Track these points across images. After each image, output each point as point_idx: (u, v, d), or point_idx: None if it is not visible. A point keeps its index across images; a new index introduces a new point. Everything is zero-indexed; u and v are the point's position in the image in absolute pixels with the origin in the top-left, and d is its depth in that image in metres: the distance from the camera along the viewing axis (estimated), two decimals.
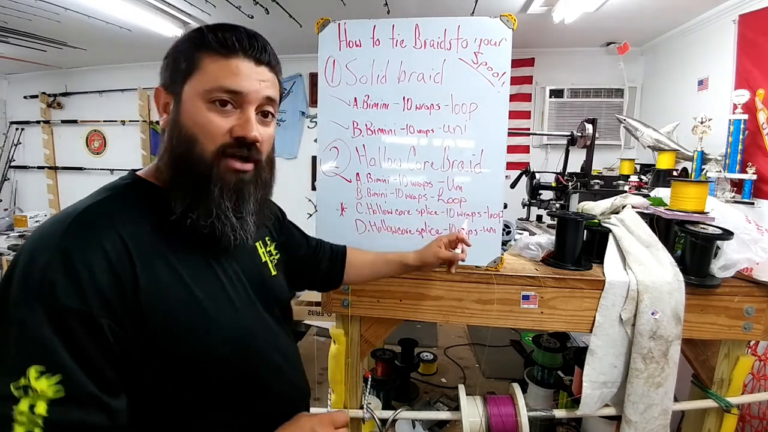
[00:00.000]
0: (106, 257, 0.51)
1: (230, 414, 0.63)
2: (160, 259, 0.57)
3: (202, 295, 0.60)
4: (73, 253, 0.50)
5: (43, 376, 0.46)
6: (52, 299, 0.48)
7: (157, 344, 0.55)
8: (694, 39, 2.66)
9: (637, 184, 1.92)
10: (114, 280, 0.51)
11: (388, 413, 1.20)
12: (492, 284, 1.14)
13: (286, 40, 3.14)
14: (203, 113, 0.58)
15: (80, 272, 0.49)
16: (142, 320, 0.53)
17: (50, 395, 0.46)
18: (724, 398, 1.17)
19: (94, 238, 0.52)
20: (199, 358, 0.59)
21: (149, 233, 0.57)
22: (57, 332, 0.47)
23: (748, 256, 1.07)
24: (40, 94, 4.29)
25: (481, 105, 1.10)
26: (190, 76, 0.59)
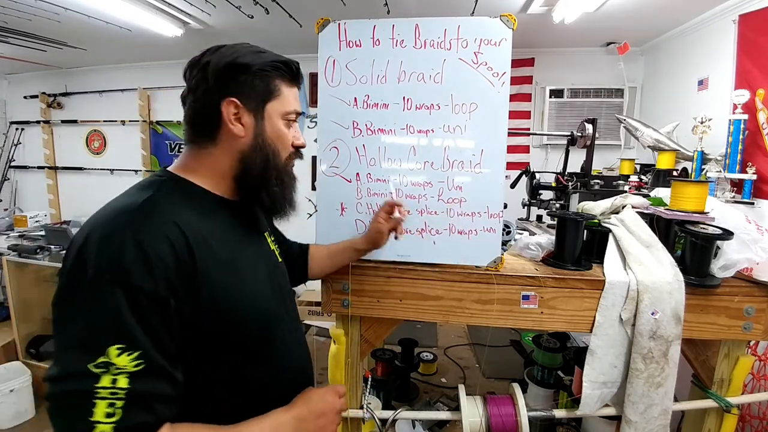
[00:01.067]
0: (171, 245, 0.59)
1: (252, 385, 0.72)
2: (208, 246, 0.66)
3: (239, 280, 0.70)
4: (144, 241, 0.57)
5: (123, 353, 0.52)
6: (129, 282, 0.54)
7: (204, 321, 0.63)
8: (694, 39, 2.66)
9: (637, 184, 1.92)
10: (177, 266, 0.59)
11: (388, 413, 1.20)
12: (492, 284, 1.14)
13: (286, 40, 3.14)
14: (282, 129, 0.77)
15: (152, 259, 0.56)
16: (197, 300, 0.61)
17: (131, 369, 0.52)
18: (724, 398, 1.17)
19: (160, 228, 0.60)
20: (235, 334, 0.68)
21: (195, 222, 0.66)
22: (134, 312, 0.54)
23: (748, 256, 1.07)
24: (40, 94, 4.29)
25: (481, 105, 1.10)
26: (271, 98, 0.75)
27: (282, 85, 0.76)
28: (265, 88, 0.73)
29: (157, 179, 0.72)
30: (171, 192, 0.69)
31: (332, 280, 1.19)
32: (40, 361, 2.74)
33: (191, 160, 0.75)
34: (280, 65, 0.75)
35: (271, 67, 0.74)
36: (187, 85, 0.74)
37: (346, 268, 1.16)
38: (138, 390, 0.52)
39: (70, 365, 0.52)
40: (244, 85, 0.72)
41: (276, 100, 0.75)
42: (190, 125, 0.74)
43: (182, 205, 0.68)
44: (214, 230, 0.69)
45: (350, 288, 1.18)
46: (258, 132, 0.74)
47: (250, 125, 0.74)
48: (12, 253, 2.66)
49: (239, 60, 0.71)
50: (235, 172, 0.75)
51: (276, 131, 0.76)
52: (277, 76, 0.75)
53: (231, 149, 0.74)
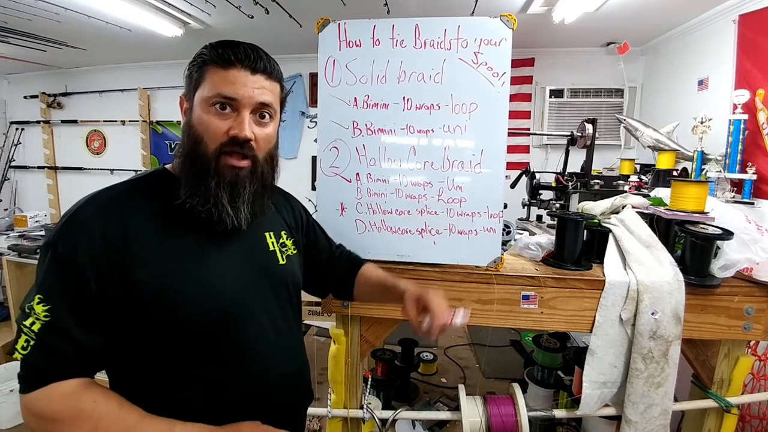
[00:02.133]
0: (104, 226, 0.65)
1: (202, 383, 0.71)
2: (154, 235, 0.69)
3: (187, 269, 0.70)
4: (80, 218, 0.66)
5: (41, 303, 0.62)
6: (57, 248, 0.63)
7: (142, 306, 0.66)
8: (694, 39, 2.66)
9: (637, 184, 1.92)
10: (105, 245, 0.64)
11: (388, 413, 1.20)
12: (492, 284, 1.14)
13: (286, 40, 3.14)
14: (206, 116, 0.70)
15: (79, 233, 0.64)
16: (129, 283, 0.65)
17: (42, 319, 0.62)
18: (724, 398, 1.17)
19: (103, 211, 0.67)
20: (177, 322, 0.69)
21: (152, 213, 0.70)
22: (56, 273, 0.63)
23: (748, 256, 1.07)
24: (40, 94, 4.29)
25: (481, 105, 1.10)
26: (199, 86, 0.71)
27: (210, 69, 0.69)
28: (196, 76, 0.72)
29: (147, 171, 0.78)
30: (144, 185, 0.74)
31: None
32: None
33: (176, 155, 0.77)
34: (203, 50, 0.72)
35: (203, 54, 0.71)
36: None
37: None
38: (43, 338, 0.61)
39: (23, 302, 0.64)
40: (188, 78, 0.74)
41: (201, 87, 0.70)
42: None
43: (148, 199, 0.71)
44: (176, 226, 0.71)
45: None
46: (186, 120, 0.73)
47: (187, 115, 0.74)
48: (12, 253, 2.66)
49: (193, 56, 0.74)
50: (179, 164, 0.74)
51: (199, 118, 0.70)
52: (207, 62, 0.70)
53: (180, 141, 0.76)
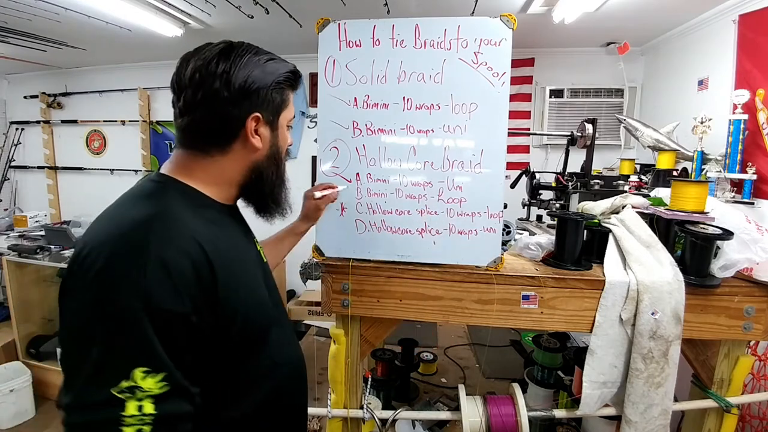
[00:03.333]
0: (191, 261, 0.58)
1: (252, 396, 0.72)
2: (223, 256, 0.65)
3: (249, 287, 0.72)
4: (165, 259, 0.56)
5: (148, 375, 0.51)
6: (153, 304, 0.53)
7: (221, 329, 0.63)
8: (694, 39, 2.66)
9: (637, 184, 1.92)
10: (198, 282, 0.59)
11: (388, 413, 1.20)
12: (492, 284, 1.14)
13: (286, 40, 3.14)
14: (287, 135, 0.81)
15: (174, 277, 0.55)
16: (217, 313, 0.61)
17: (156, 392, 0.51)
18: (724, 398, 1.17)
19: (180, 243, 0.59)
20: (244, 338, 0.68)
21: (207, 232, 0.65)
22: (158, 333, 0.53)
23: (748, 256, 1.07)
24: (40, 94, 4.29)
25: (481, 105, 1.09)
26: (282, 109, 0.76)
27: (290, 94, 0.77)
28: (280, 100, 0.74)
29: (159, 185, 0.68)
30: (179, 201, 0.67)
31: (332, 280, 1.19)
32: (40, 361, 2.74)
33: (190, 165, 0.71)
34: (290, 75, 0.76)
35: (284, 78, 0.74)
36: (195, 91, 0.67)
37: (347, 268, 1.16)
38: (163, 413, 0.52)
39: (91, 392, 0.50)
40: (266, 99, 0.72)
41: (286, 110, 0.77)
42: (198, 133, 0.70)
43: (193, 214, 0.66)
44: (223, 239, 0.69)
45: (350, 288, 1.18)
46: (273, 143, 0.76)
47: (267, 137, 0.75)
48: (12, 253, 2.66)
49: (260, 73, 0.70)
50: (245, 181, 0.76)
51: (284, 140, 0.79)
52: (287, 87, 0.76)
53: (244, 159, 0.74)
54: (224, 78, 0.66)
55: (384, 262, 1.17)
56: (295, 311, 3.43)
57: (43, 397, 2.66)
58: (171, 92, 0.72)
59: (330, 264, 1.18)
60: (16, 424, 2.47)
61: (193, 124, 0.69)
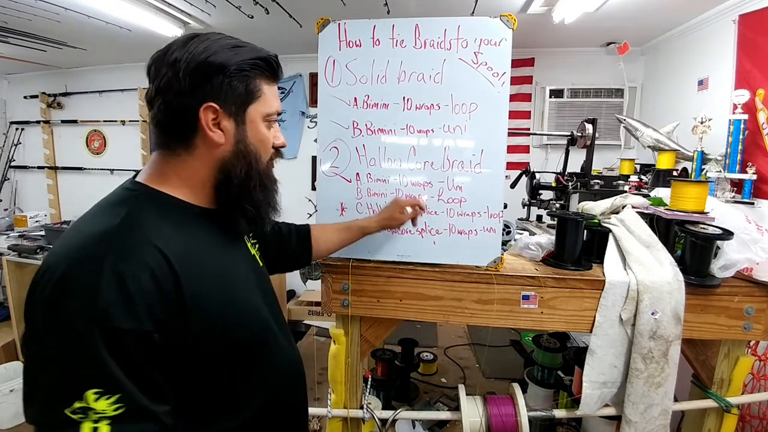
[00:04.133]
0: (152, 275, 0.55)
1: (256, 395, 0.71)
2: (194, 266, 0.61)
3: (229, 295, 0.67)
4: (124, 275, 0.52)
5: (102, 397, 0.49)
6: (108, 323, 0.50)
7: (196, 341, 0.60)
8: (694, 39, 2.66)
9: (637, 184, 1.92)
10: (161, 296, 0.55)
11: (388, 413, 1.20)
12: (492, 284, 1.14)
13: (286, 40, 3.14)
14: (264, 132, 0.72)
15: (133, 295, 0.52)
16: (188, 326, 0.58)
17: (110, 414, 0.49)
18: (724, 398, 1.17)
19: (140, 256, 0.55)
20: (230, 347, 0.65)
21: (177, 242, 0.61)
22: (112, 354, 0.50)
23: (748, 256, 1.07)
24: (40, 94, 4.29)
25: (481, 105, 1.10)
26: (252, 101, 0.68)
27: (263, 84, 0.69)
28: (245, 89, 0.67)
29: (129, 194, 0.65)
30: (146, 208, 0.63)
31: (332, 280, 1.19)
32: None
33: (163, 168, 0.68)
34: (259, 62, 0.68)
35: (250, 65, 0.67)
36: (153, 84, 0.64)
37: (347, 268, 1.16)
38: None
39: (48, 411, 0.49)
40: (223, 88, 0.65)
41: (257, 102, 0.69)
42: (161, 130, 0.66)
43: (160, 222, 0.62)
44: (197, 245, 0.65)
45: (350, 288, 1.18)
46: (239, 138, 0.68)
47: (231, 131, 0.67)
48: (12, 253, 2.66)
49: (214, 59, 0.63)
50: (215, 182, 0.70)
51: (258, 135, 0.70)
52: (258, 75, 0.68)
53: (209, 157, 0.68)
54: (176, 66, 0.62)
55: (384, 262, 1.17)
56: (295, 311, 3.43)
57: None
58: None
59: (330, 264, 1.18)
60: (16, 424, 2.47)
61: (153, 120, 0.66)
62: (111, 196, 0.66)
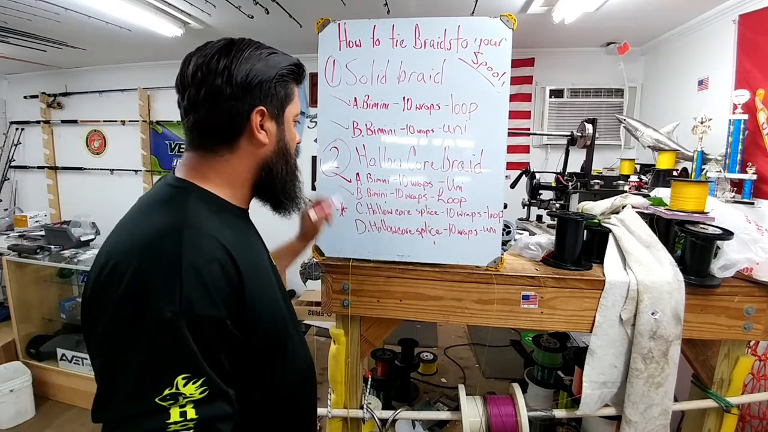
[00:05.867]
0: (221, 266, 0.59)
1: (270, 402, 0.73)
2: (247, 261, 0.65)
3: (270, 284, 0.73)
4: (199, 266, 0.56)
5: (189, 381, 0.52)
6: (192, 312, 0.53)
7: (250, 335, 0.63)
8: (694, 39, 2.66)
9: (637, 184, 1.92)
10: (229, 286, 0.60)
11: (388, 413, 1.20)
12: (492, 284, 1.14)
13: (286, 40, 3.14)
14: (294, 131, 0.79)
15: (209, 284, 0.56)
16: (244, 314, 0.62)
17: (197, 397, 0.52)
18: (724, 398, 1.17)
19: (209, 249, 0.59)
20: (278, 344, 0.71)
21: (227, 233, 0.65)
22: (196, 339, 0.53)
23: (748, 256, 1.07)
24: (40, 94, 4.29)
25: (481, 105, 1.09)
26: (288, 104, 0.75)
27: (294, 88, 0.77)
28: (284, 93, 0.74)
29: (179, 191, 0.68)
30: (201, 206, 0.66)
31: (332, 280, 1.19)
32: (40, 361, 2.74)
33: (203, 168, 0.71)
34: (293, 68, 0.75)
35: (288, 71, 0.73)
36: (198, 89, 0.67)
37: (347, 268, 1.16)
38: (205, 416, 0.53)
39: (134, 403, 0.51)
40: (270, 93, 0.71)
41: (291, 104, 0.76)
42: (205, 131, 0.69)
43: (215, 219, 0.66)
44: (243, 243, 0.69)
45: (350, 288, 1.18)
46: (280, 137, 0.75)
47: (273, 132, 0.73)
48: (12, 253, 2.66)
49: (263, 66, 0.69)
50: (256, 180, 0.75)
51: (292, 134, 0.78)
52: (291, 80, 0.75)
53: (252, 156, 0.72)
54: (226, 74, 0.66)
55: (384, 262, 1.17)
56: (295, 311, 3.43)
57: (43, 397, 2.66)
58: (176, 92, 0.72)
59: (330, 264, 1.18)
60: (16, 424, 2.47)
61: (198, 123, 0.69)
62: (157, 193, 0.69)
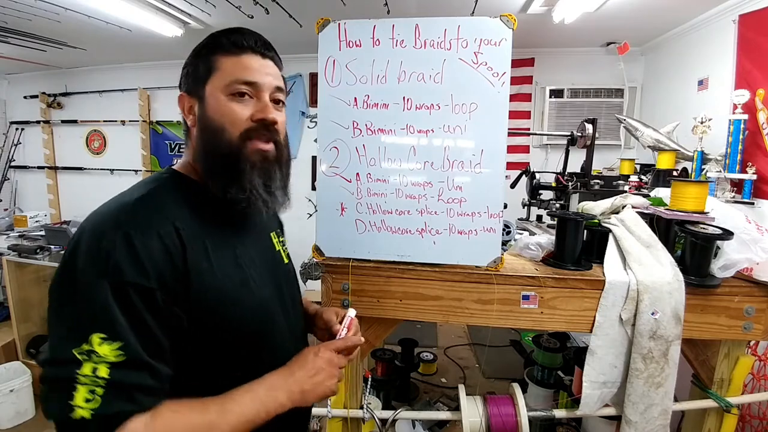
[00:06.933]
0: (161, 241, 0.60)
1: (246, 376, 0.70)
2: (201, 243, 0.66)
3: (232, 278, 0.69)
4: (133, 236, 0.58)
5: (105, 342, 0.54)
6: (117, 275, 0.56)
7: (196, 319, 0.63)
8: (694, 39, 2.66)
9: (637, 184, 1.92)
10: (168, 261, 0.60)
11: (388, 413, 1.20)
12: (492, 284, 1.14)
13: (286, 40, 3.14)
14: (226, 104, 0.69)
15: (140, 253, 0.57)
16: (188, 296, 0.62)
17: (112, 359, 0.54)
18: (724, 398, 1.17)
19: (151, 225, 0.61)
20: (229, 334, 0.68)
21: (190, 219, 0.66)
22: (119, 303, 0.55)
23: (748, 256, 1.07)
24: (40, 94, 4.29)
25: (481, 105, 1.09)
26: (209, 77, 0.70)
27: (221, 58, 0.70)
28: (204, 68, 0.70)
29: (160, 176, 0.72)
30: (170, 189, 0.69)
31: (332, 280, 1.19)
32: None
33: (186, 157, 0.76)
34: (215, 40, 0.71)
35: (207, 45, 0.71)
36: None
37: (347, 268, 1.16)
38: (117, 380, 0.54)
39: (58, 350, 0.54)
40: (189, 75, 0.72)
41: (214, 76, 0.69)
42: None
43: (180, 203, 0.68)
44: (210, 229, 0.69)
45: (350, 288, 1.18)
46: (202, 113, 0.70)
47: (197, 110, 0.71)
48: (12, 253, 2.66)
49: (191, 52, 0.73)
50: (200, 161, 0.72)
51: (217, 108, 0.69)
52: (214, 51, 0.70)
53: (195, 139, 0.73)
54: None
55: (384, 262, 1.17)
56: None
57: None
58: None
59: (330, 264, 1.18)
60: (16, 424, 2.47)
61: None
62: (147, 178, 0.74)
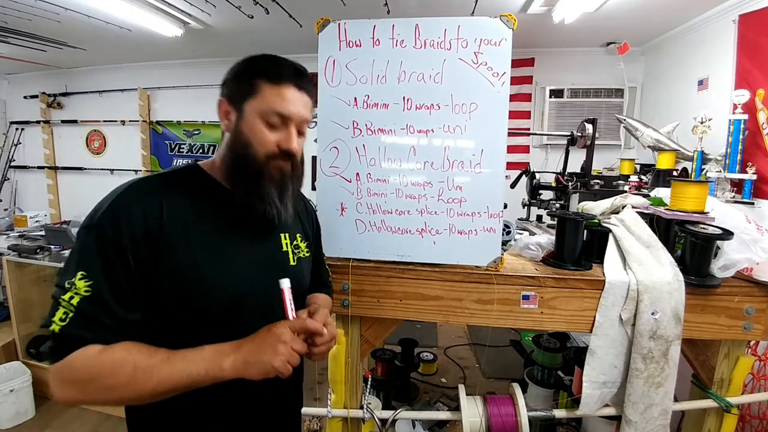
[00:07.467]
0: (143, 214, 0.72)
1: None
2: (183, 225, 0.75)
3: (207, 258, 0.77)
4: (119, 205, 0.72)
5: (83, 279, 0.68)
6: (101, 230, 0.70)
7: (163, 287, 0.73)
8: (694, 39, 2.66)
9: (637, 184, 1.92)
10: (144, 230, 0.71)
11: (388, 413, 1.20)
12: (492, 284, 1.14)
13: (286, 40, 3.14)
14: (259, 127, 0.79)
15: (121, 218, 0.71)
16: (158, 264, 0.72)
17: (82, 293, 0.67)
18: (724, 398, 1.17)
19: (140, 200, 0.74)
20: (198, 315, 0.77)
21: (185, 206, 0.77)
22: (99, 251, 0.69)
23: (748, 256, 1.07)
24: (40, 94, 4.29)
25: (481, 105, 1.09)
26: (249, 96, 0.79)
27: (263, 84, 0.79)
28: (246, 88, 0.79)
29: (179, 167, 0.85)
30: (178, 178, 0.82)
31: (332, 280, 1.19)
32: (40, 361, 2.74)
33: (219, 156, 0.85)
34: (262, 65, 0.80)
35: (252, 68, 0.81)
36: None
37: (347, 268, 1.16)
38: (83, 310, 0.67)
39: (60, 279, 0.70)
40: (232, 86, 0.82)
41: (254, 99, 0.79)
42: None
43: (182, 190, 0.79)
44: (203, 218, 0.79)
45: (350, 288, 1.18)
46: (236, 125, 0.81)
47: (233, 121, 0.81)
48: (12, 253, 2.66)
49: (234, 68, 0.82)
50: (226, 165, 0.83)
51: (251, 127, 0.79)
52: (258, 76, 0.79)
53: (225, 143, 0.83)
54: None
55: (384, 262, 1.17)
56: None
57: (43, 397, 2.65)
58: None
59: (330, 264, 1.18)
60: (16, 424, 2.47)
61: None
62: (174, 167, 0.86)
